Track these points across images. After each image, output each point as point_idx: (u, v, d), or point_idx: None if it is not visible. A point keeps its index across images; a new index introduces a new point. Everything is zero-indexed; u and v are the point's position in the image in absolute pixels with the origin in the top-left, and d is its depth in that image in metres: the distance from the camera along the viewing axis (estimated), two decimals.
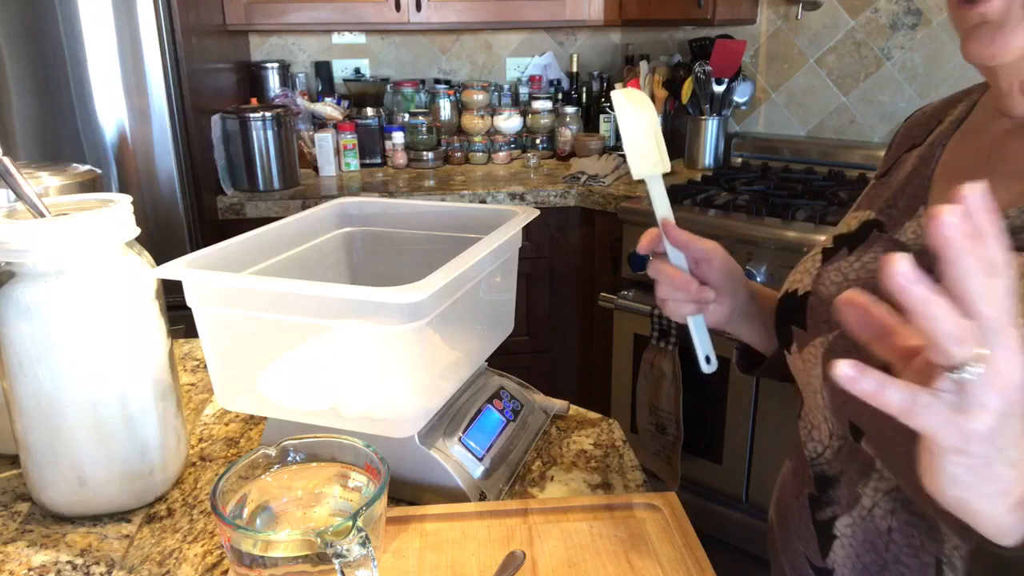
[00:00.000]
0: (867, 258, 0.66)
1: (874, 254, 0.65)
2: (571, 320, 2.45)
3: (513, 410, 0.88)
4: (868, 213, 0.70)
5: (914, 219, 0.65)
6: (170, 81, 2.01)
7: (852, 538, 0.63)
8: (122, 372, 0.74)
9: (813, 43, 2.47)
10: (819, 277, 0.69)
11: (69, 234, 0.69)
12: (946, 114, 0.73)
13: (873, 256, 0.65)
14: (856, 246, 0.68)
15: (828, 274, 0.68)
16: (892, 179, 0.72)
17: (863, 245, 0.67)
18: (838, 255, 0.69)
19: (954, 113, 0.72)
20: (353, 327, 0.72)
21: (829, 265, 0.69)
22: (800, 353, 0.68)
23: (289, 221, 0.92)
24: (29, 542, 0.74)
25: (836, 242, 0.71)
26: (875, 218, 0.69)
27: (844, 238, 0.70)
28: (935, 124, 0.74)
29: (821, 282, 0.68)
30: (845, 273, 0.67)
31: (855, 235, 0.69)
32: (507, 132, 2.76)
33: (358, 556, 0.54)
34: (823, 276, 0.69)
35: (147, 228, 0.91)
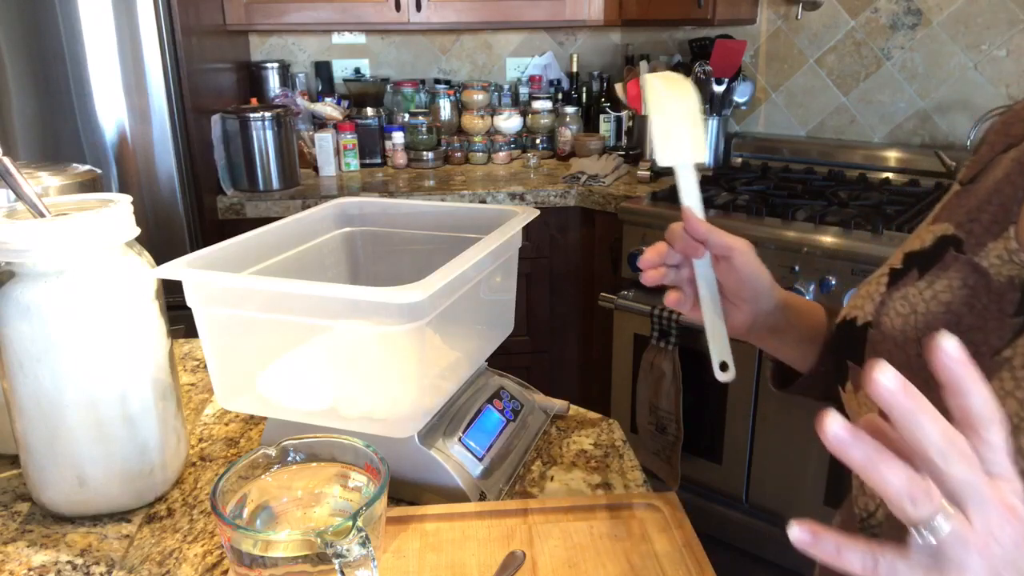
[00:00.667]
0: (939, 286, 0.56)
1: (948, 281, 0.56)
2: (571, 320, 2.45)
3: (513, 410, 0.88)
4: (946, 227, 0.60)
5: (1000, 240, 0.54)
6: (170, 81, 2.01)
7: None
8: (122, 372, 0.74)
9: (813, 43, 2.47)
10: (883, 305, 0.60)
11: (69, 234, 0.69)
12: None
13: (947, 285, 0.56)
14: (928, 268, 0.58)
15: (894, 302, 0.59)
16: (978, 186, 0.61)
17: (936, 267, 0.57)
18: (907, 278, 0.59)
19: None
20: (353, 327, 0.72)
21: (896, 291, 0.59)
22: (856, 394, 0.60)
23: (289, 221, 0.92)
24: (29, 542, 0.74)
25: (906, 261, 0.61)
26: (953, 233, 0.58)
27: (916, 257, 0.60)
28: None
29: (885, 312, 0.59)
30: (913, 304, 0.57)
31: (928, 254, 0.59)
32: (507, 132, 2.76)
33: (358, 556, 0.54)
34: (888, 304, 0.59)
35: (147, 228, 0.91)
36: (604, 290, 2.14)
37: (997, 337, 0.49)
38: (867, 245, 1.71)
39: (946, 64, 2.23)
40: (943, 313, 0.54)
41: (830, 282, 1.75)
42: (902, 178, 2.27)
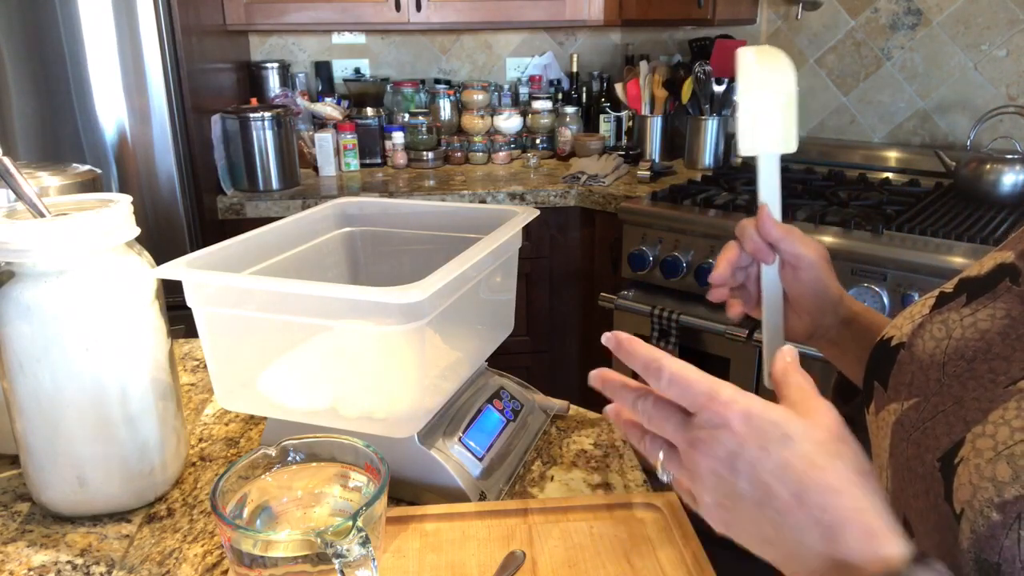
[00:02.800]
0: (982, 315, 0.52)
1: (993, 310, 0.52)
2: (571, 320, 2.45)
3: (513, 410, 0.88)
4: (1008, 255, 0.56)
5: None
6: (170, 81, 2.01)
7: None
8: (122, 372, 0.74)
9: (813, 43, 2.47)
10: (921, 328, 0.57)
11: (69, 234, 0.69)
12: None
13: (990, 314, 0.52)
14: (979, 295, 0.55)
15: (932, 325, 0.56)
16: None
17: (986, 297, 0.54)
18: (954, 303, 0.56)
19: None
20: (353, 327, 0.72)
21: (938, 314, 0.56)
22: (876, 415, 0.58)
23: (289, 221, 0.92)
24: (29, 542, 0.74)
25: (959, 286, 0.57)
26: (1012, 262, 0.54)
27: (969, 283, 0.57)
28: None
29: (920, 334, 0.56)
30: (950, 329, 0.54)
31: (983, 281, 0.56)
32: (507, 132, 2.76)
33: (358, 556, 0.54)
34: (926, 327, 0.56)
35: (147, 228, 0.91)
36: (604, 290, 2.14)
37: (1019, 368, 0.47)
38: (867, 245, 1.71)
39: (946, 64, 2.23)
40: (976, 340, 0.52)
41: None
42: (902, 178, 2.27)
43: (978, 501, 0.42)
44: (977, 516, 0.42)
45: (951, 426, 0.48)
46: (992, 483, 0.42)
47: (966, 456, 0.45)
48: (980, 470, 0.43)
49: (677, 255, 1.97)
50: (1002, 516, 0.41)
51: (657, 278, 2.03)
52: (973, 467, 0.44)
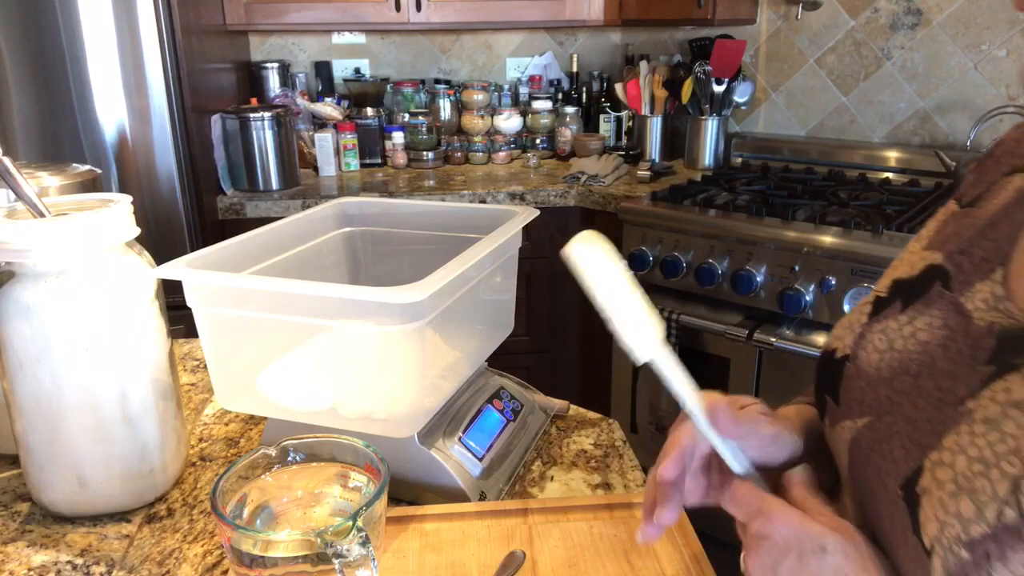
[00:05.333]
0: (920, 323, 0.52)
1: (930, 319, 0.51)
2: (571, 320, 2.45)
3: (513, 410, 0.88)
4: (936, 256, 0.55)
5: (988, 282, 0.49)
6: (170, 81, 2.01)
7: None
8: (122, 372, 0.74)
9: (813, 43, 2.47)
10: (862, 338, 0.56)
11: (69, 234, 0.69)
12: None
13: (928, 323, 0.51)
14: (912, 301, 0.54)
15: (873, 335, 0.55)
16: (980, 213, 0.55)
17: (920, 303, 0.53)
18: (890, 309, 0.55)
19: None
20: (353, 327, 0.72)
21: (877, 323, 0.55)
22: (832, 429, 0.57)
23: (289, 221, 0.92)
24: (29, 542, 0.74)
25: (892, 290, 0.57)
26: (941, 264, 0.53)
27: (902, 286, 0.56)
28: None
29: (863, 346, 0.55)
30: (892, 340, 0.53)
31: (915, 284, 0.55)
32: (507, 132, 2.76)
33: (358, 556, 0.54)
34: (867, 337, 0.55)
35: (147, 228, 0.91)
36: None
37: (965, 386, 0.46)
38: (867, 245, 1.71)
39: (946, 64, 2.23)
40: (918, 353, 0.51)
41: (830, 282, 1.75)
42: (902, 178, 2.27)
43: (946, 538, 0.42)
44: (947, 554, 0.42)
45: (908, 450, 0.47)
46: (958, 520, 0.42)
47: (928, 488, 0.44)
48: (944, 504, 0.43)
49: (677, 255, 1.97)
50: (971, 555, 0.41)
51: (657, 278, 2.03)
52: (937, 501, 0.43)
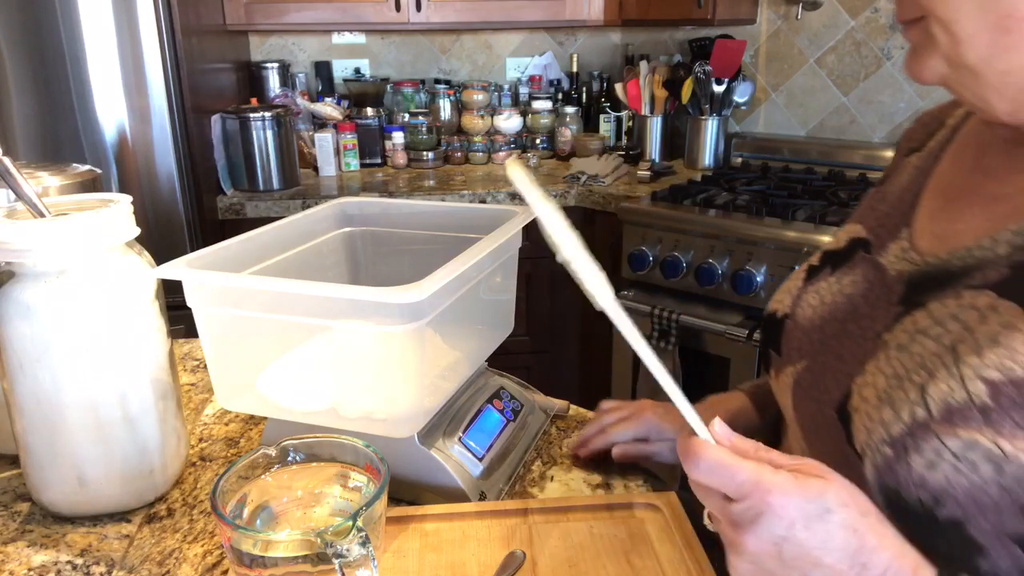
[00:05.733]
0: (846, 280, 0.64)
1: (853, 278, 0.63)
2: (571, 320, 2.45)
3: (513, 410, 0.88)
4: (858, 229, 0.68)
5: (898, 240, 0.61)
6: (170, 81, 2.01)
7: None
8: (122, 372, 0.74)
9: (813, 43, 2.47)
10: (799, 299, 0.67)
11: (69, 234, 0.69)
12: (949, 115, 0.68)
13: (852, 280, 0.63)
14: (840, 266, 0.66)
15: (807, 295, 0.67)
16: (888, 190, 0.68)
17: (847, 266, 0.65)
18: (822, 274, 0.67)
19: (956, 115, 0.67)
20: (353, 327, 0.72)
21: (811, 285, 0.67)
22: (777, 377, 0.67)
23: (289, 221, 0.92)
24: (29, 542, 0.74)
25: (823, 259, 0.69)
26: (864, 236, 0.66)
27: (831, 256, 0.68)
28: (936, 127, 0.69)
29: (799, 304, 0.67)
30: (822, 295, 0.65)
31: (842, 253, 0.67)
32: (507, 132, 2.76)
33: (358, 556, 0.54)
34: (803, 297, 0.67)
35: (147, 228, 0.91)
36: None
37: (881, 323, 0.57)
38: None
39: None
40: (844, 303, 0.62)
41: None
42: None
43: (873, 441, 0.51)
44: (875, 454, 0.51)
45: (838, 380, 0.58)
46: (881, 425, 0.51)
47: (857, 406, 0.54)
48: (870, 415, 0.52)
49: (677, 255, 1.97)
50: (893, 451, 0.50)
51: (657, 278, 2.03)
52: (864, 414, 0.53)
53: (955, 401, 0.48)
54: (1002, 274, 0.51)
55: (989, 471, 0.46)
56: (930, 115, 0.71)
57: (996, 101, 0.51)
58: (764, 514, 0.45)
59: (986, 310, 0.50)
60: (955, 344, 0.50)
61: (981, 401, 0.47)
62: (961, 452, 0.47)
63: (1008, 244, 0.52)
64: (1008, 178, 0.56)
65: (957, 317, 0.51)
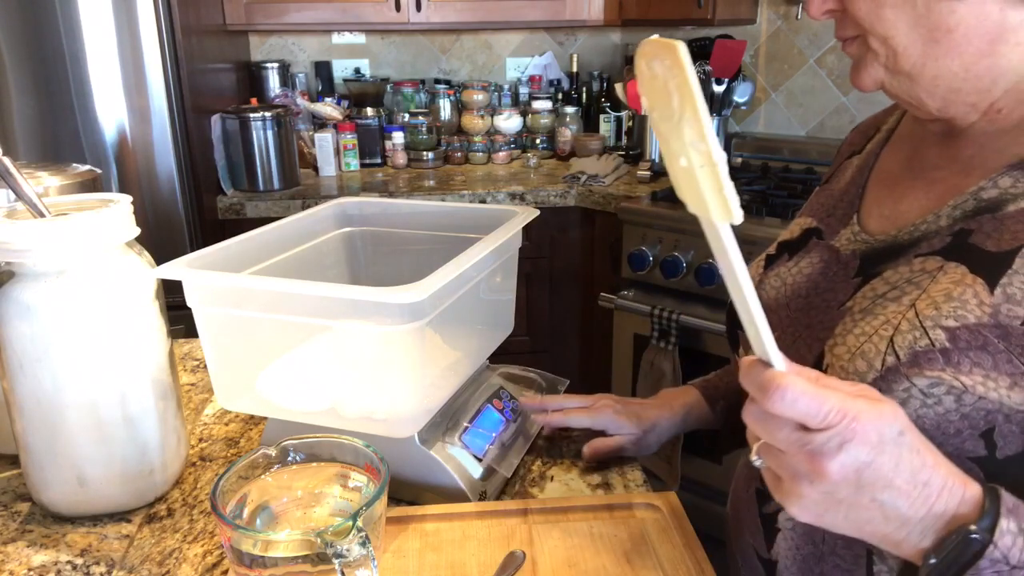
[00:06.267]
0: (804, 263, 0.72)
1: (810, 260, 0.72)
2: (571, 320, 2.45)
3: (513, 410, 0.88)
4: (810, 220, 0.76)
5: (848, 227, 0.70)
6: (170, 81, 2.01)
7: (792, 531, 0.66)
8: (122, 372, 0.74)
9: (813, 43, 2.47)
10: (761, 284, 0.75)
11: (69, 234, 0.69)
12: (883, 122, 0.78)
13: (809, 262, 0.72)
14: (796, 252, 0.74)
15: (768, 280, 0.74)
16: (833, 187, 0.78)
17: (802, 251, 0.73)
18: (779, 261, 0.75)
19: (889, 121, 0.77)
20: (353, 327, 0.72)
21: (771, 271, 0.75)
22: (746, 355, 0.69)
23: (289, 221, 0.92)
24: (29, 542, 0.74)
25: (779, 248, 0.77)
26: (815, 226, 0.74)
27: (786, 244, 0.76)
28: (873, 132, 0.78)
29: (763, 287, 0.74)
30: (783, 278, 0.73)
31: (796, 242, 0.75)
32: (507, 132, 2.76)
33: (358, 556, 0.54)
34: (764, 282, 0.75)
35: (147, 228, 0.91)
36: (604, 290, 2.14)
37: (843, 293, 0.65)
38: None
39: None
40: (805, 282, 0.70)
41: None
42: None
43: None
44: None
45: (810, 346, 0.65)
46: (856, 375, 0.58)
47: (830, 363, 0.61)
48: (844, 368, 0.59)
49: (677, 255, 1.97)
50: None
51: (657, 278, 2.03)
52: (838, 368, 0.60)
53: (920, 347, 0.55)
54: (945, 241, 0.60)
55: (951, 403, 0.54)
56: (866, 124, 0.82)
57: (928, 100, 0.61)
58: (851, 441, 0.45)
59: (936, 272, 0.58)
60: (914, 302, 0.58)
61: (942, 345, 0.54)
62: (927, 389, 0.54)
63: (948, 217, 0.61)
64: (942, 164, 0.65)
65: (911, 280, 0.60)
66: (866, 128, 0.81)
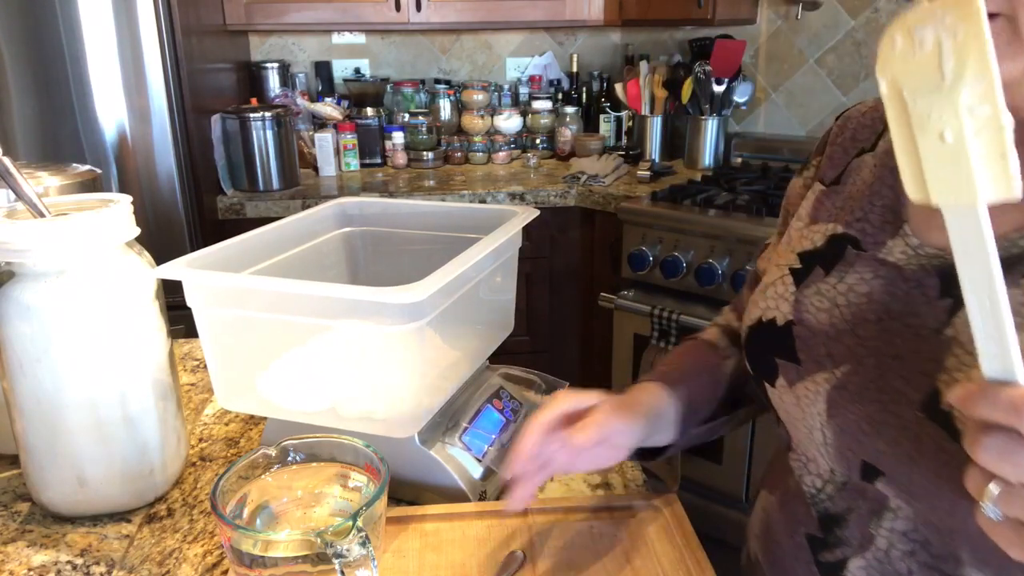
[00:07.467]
0: (852, 280, 0.62)
1: (859, 275, 0.62)
2: (571, 320, 2.45)
3: (513, 410, 0.88)
4: (834, 227, 0.66)
5: (899, 237, 0.61)
6: (170, 81, 2.01)
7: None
8: (122, 372, 0.74)
9: (813, 43, 2.47)
10: (799, 303, 0.65)
11: (69, 234, 0.69)
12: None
13: (859, 278, 0.62)
14: (832, 265, 0.64)
15: (809, 299, 0.64)
16: (848, 188, 0.68)
17: (841, 264, 0.63)
18: (812, 276, 0.65)
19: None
20: (353, 327, 0.72)
21: (806, 288, 0.65)
22: (791, 388, 0.64)
23: (289, 221, 0.92)
24: (29, 542, 0.74)
25: (804, 261, 0.67)
26: (845, 233, 0.65)
27: (813, 256, 0.66)
28: (882, 127, 0.69)
29: (804, 309, 0.64)
30: (831, 298, 0.63)
31: (826, 252, 0.65)
32: (507, 132, 2.76)
33: (358, 556, 0.54)
34: (803, 302, 0.64)
35: (147, 228, 0.91)
36: (604, 290, 2.14)
37: (933, 319, 0.56)
38: None
39: None
40: (866, 303, 0.60)
41: None
42: None
43: None
44: None
45: (909, 380, 0.55)
46: None
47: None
48: None
49: (677, 255, 1.97)
50: None
51: (657, 278, 2.03)
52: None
53: None
54: None
55: None
56: (865, 115, 0.71)
57: None
58: None
59: None
60: None
61: None
62: None
63: None
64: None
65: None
66: (871, 122, 0.70)
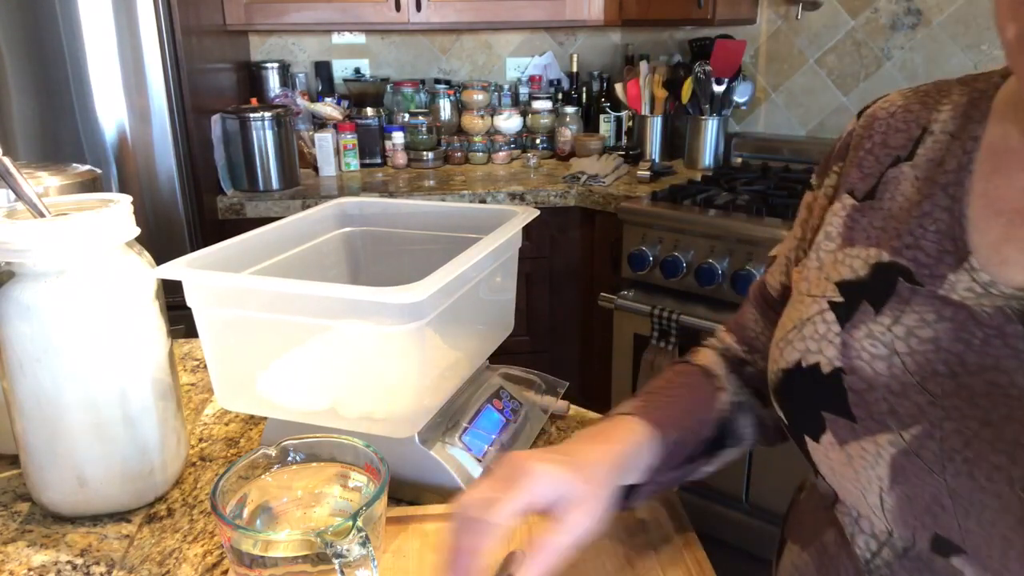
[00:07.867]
0: (910, 321, 0.52)
1: (919, 316, 0.52)
2: (571, 320, 2.45)
3: (513, 410, 0.88)
4: (877, 252, 0.56)
5: (963, 271, 0.51)
6: (170, 81, 2.01)
7: None
8: (122, 372, 0.74)
9: (813, 43, 2.47)
10: (847, 347, 0.55)
11: (69, 234, 0.69)
12: (929, 118, 0.59)
13: (920, 319, 0.52)
14: (883, 301, 0.54)
15: (860, 342, 0.54)
16: (886, 204, 0.58)
17: (894, 301, 0.54)
18: (860, 314, 0.55)
19: (941, 120, 0.59)
20: (353, 327, 0.72)
21: (855, 329, 0.55)
22: (842, 447, 0.55)
23: (289, 221, 0.92)
24: (29, 542, 0.74)
25: (847, 293, 0.57)
26: (893, 261, 0.55)
27: (857, 288, 0.56)
28: (919, 132, 0.59)
29: (855, 355, 0.54)
30: (887, 343, 0.53)
31: (871, 285, 0.56)
32: (507, 132, 2.76)
33: (358, 556, 0.54)
34: (853, 346, 0.55)
35: (147, 228, 0.91)
36: (604, 290, 2.14)
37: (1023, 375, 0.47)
38: None
39: (946, 64, 2.23)
40: (933, 351, 0.51)
41: None
42: None
43: None
44: None
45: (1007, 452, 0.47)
46: None
47: None
48: None
49: (677, 255, 1.97)
50: None
51: (657, 278, 2.03)
52: None
53: None
54: None
55: None
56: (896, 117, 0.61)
57: None
58: None
59: None
60: None
61: None
62: None
63: None
64: None
65: None
66: (904, 125, 0.60)
